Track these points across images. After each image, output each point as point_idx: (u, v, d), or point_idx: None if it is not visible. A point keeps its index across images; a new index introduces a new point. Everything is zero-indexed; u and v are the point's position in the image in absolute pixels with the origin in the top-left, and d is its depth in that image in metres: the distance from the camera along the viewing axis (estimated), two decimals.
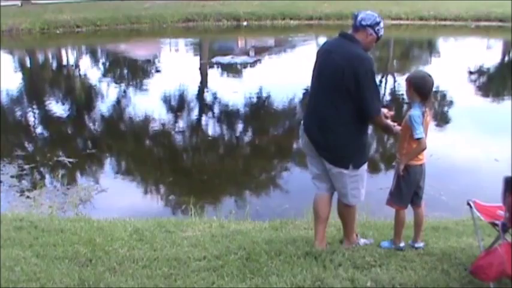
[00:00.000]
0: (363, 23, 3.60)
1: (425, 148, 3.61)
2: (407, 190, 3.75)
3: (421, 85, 3.59)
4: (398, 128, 3.76)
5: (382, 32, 3.65)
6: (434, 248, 3.94)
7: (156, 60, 17.60)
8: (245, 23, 23.46)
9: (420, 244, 3.95)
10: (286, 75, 13.80)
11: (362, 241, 4.05)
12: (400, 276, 3.50)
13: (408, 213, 3.94)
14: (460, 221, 4.74)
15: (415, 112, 3.57)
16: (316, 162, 3.85)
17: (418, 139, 3.54)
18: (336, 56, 3.58)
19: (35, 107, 11.91)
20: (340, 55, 3.57)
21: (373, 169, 7.09)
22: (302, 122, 3.90)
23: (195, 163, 8.34)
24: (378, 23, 3.61)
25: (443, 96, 11.59)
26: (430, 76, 3.64)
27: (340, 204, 3.90)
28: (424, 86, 3.58)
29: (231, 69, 15.16)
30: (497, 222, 3.37)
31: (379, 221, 4.71)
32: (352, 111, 3.58)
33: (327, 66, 3.64)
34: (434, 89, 3.76)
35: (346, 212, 3.90)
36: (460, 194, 5.71)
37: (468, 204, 3.61)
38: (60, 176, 7.00)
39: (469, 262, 3.58)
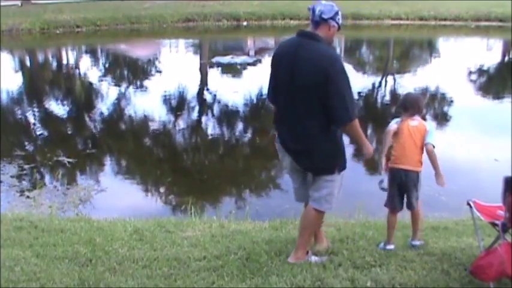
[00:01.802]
0: (324, 16, 3.34)
1: (387, 135, 3.82)
2: (390, 192, 3.85)
3: (400, 100, 3.99)
4: (371, 150, 3.58)
5: (341, 20, 3.45)
6: (434, 248, 3.94)
7: (156, 60, 17.60)
8: (245, 23, 23.46)
9: (417, 242, 3.95)
10: None
11: (313, 258, 3.71)
12: (400, 276, 3.51)
13: (407, 214, 3.95)
14: (460, 221, 4.74)
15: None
16: (295, 177, 3.69)
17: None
18: (305, 60, 3.32)
19: (35, 106, 11.91)
20: (308, 59, 3.31)
21: (374, 169, 7.08)
22: (277, 135, 3.65)
23: (195, 163, 8.34)
24: (337, 13, 3.39)
25: (443, 96, 11.60)
26: (412, 95, 4.19)
27: (309, 209, 3.63)
28: (401, 100, 3.96)
29: (231, 69, 15.16)
30: (497, 222, 3.37)
31: (379, 221, 4.70)
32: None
33: (297, 73, 3.35)
34: (433, 90, 3.82)
35: (313, 216, 3.60)
36: (460, 194, 5.69)
37: (468, 204, 3.62)
38: (60, 176, 7.00)
39: (469, 262, 3.58)
